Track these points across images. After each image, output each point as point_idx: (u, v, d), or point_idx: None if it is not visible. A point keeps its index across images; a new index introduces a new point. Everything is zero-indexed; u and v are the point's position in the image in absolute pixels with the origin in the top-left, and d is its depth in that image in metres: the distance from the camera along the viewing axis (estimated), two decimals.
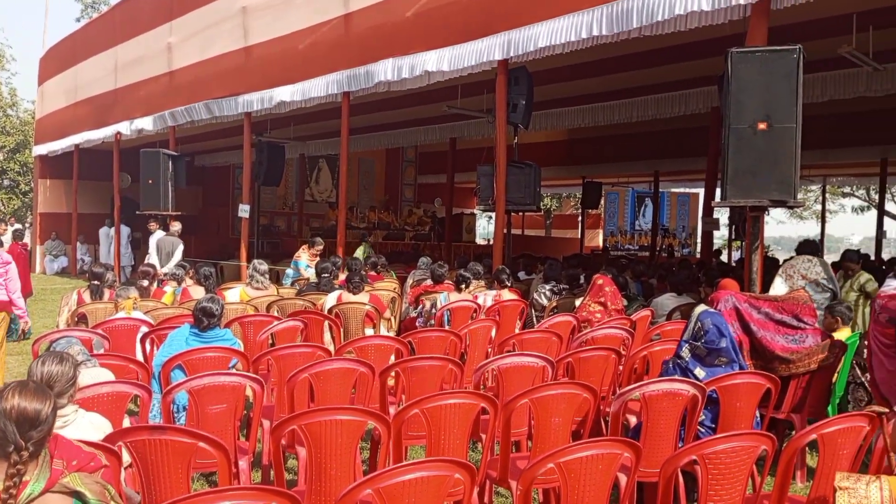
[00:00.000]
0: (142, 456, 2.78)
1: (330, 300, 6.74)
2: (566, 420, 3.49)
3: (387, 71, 8.80)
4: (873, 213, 24.49)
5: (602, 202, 23.62)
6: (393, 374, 4.33)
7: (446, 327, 6.39)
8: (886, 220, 19.98)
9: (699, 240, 16.95)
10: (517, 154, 9.07)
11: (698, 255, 15.73)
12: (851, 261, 7.36)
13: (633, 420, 4.39)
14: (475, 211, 22.87)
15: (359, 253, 12.46)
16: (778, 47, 5.58)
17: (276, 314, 6.42)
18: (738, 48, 5.62)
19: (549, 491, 3.50)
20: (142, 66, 13.78)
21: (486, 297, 7.14)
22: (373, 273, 9.33)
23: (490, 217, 9.07)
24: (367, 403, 4.11)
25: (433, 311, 6.91)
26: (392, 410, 4.02)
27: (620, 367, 4.94)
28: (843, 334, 5.20)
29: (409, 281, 9.19)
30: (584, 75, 10.68)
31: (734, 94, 5.55)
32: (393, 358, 4.90)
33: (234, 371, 4.15)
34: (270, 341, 5.66)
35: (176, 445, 2.78)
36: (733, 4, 5.91)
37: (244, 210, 11.77)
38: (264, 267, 7.74)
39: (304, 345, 4.88)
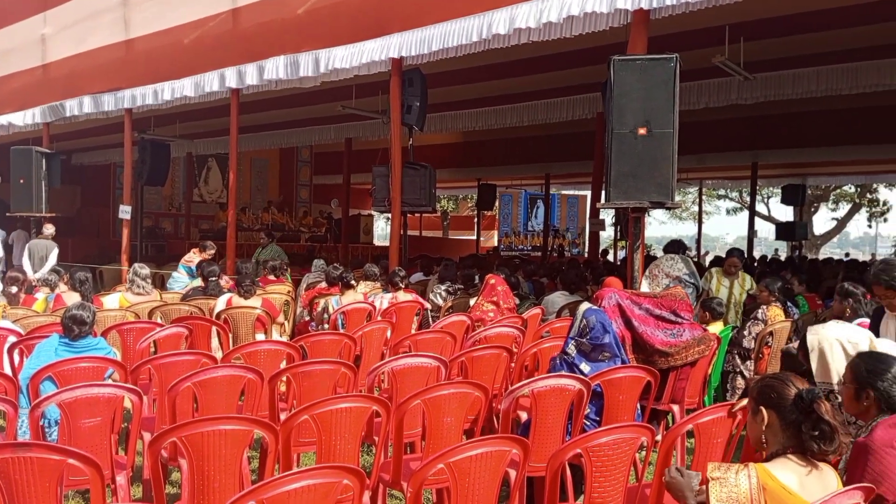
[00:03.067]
0: (5, 476, 2.57)
1: (220, 304, 6.50)
2: (458, 419, 3.52)
3: (277, 68, 8.58)
4: (745, 214, 26.23)
5: (497, 204, 24.10)
6: (284, 379, 4.22)
7: (341, 330, 6.31)
8: (757, 220, 21.47)
9: (587, 240, 17.59)
10: (412, 155, 9.09)
11: (586, 255, 16.32)
12: (735, 257, 7.65)
13: (524, 416, 4.48)
14: (373, 212, 22.76)
15: (266, 254, 12.15)
16: (656, 56, 5.86)
17: (158, 321, 6.12)
18: (619, 56, 5.85)
19: (443, 490, 3.51)
20: (12, 58, 12.82)
21: (382, 300, 7.10)
22: (271, 277, 9.09)
23: (388, 218, 9.03)
24: (255, 411, 3.99)
25: (326, 315, 6.80)
26: (284, 417, 3.91)
27: (513, 365, 5.05)
28: (716, 328, 5.53)
29: (303, 284, 9.01)
30: (477, 79, 10.85)
31: (616, 100, 5.79)
32: (284, 363, 4.78)
33: (109, 382, 3.92)
34: (153, 349, 5.38)
35: (43, 463, 2.58)
36: (617, 8, 6.17)
37: (125, 211, 11.17)
38: (146, 271, 7.36)
39: (187, 352, 4.68)
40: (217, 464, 2.83)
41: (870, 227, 33.12)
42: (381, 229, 34.12)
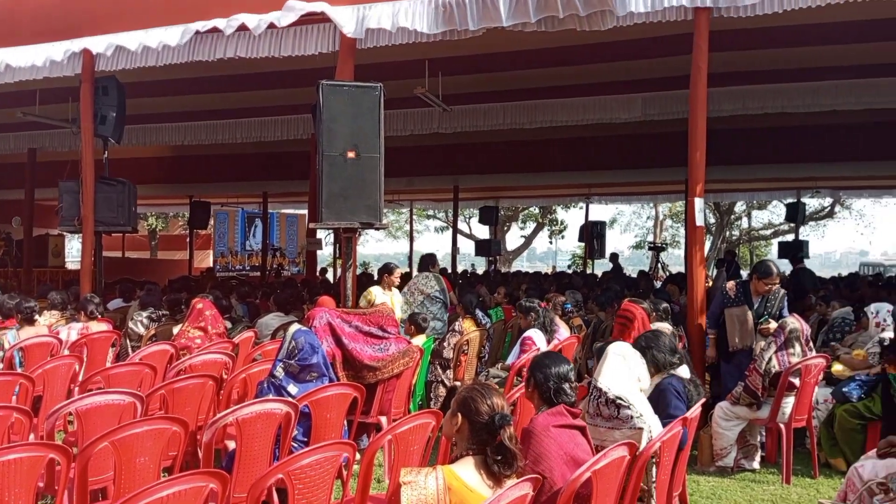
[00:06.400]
0: None
1: None
2: (154, 458, 3.28)
3: None
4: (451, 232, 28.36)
5: (212, 222, 23.02)
6: None
7: (19, 370, 5.52)
8: (460, 238, 23.34)
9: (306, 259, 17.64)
10: (108, 170, 8.33)
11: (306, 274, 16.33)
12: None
13: (231, 445, 4.32)
14: (62, 232, 20.25)
15: None
16: (362, 83, 6.12)
17: None
18: (328, 81, 6.01)
19: None
20: None
21: (70, 331, 6.36)
22: None
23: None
24: None
25: (0, 353, 5.89)
26: None
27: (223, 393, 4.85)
28: (419, 340, 5.89)
29: None
30: (186, 91, 10.33)
31: (326, 123, 5.92)
32: None
33: None
34: None
35: None
36: (325, 35, 6.34)
37: None
38: None
39: None
40: None
41: (551, 243, 38.12)
42: (78, 251, 30.55)
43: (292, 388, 3.92)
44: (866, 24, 7.43)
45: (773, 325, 5.37)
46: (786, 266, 12.36)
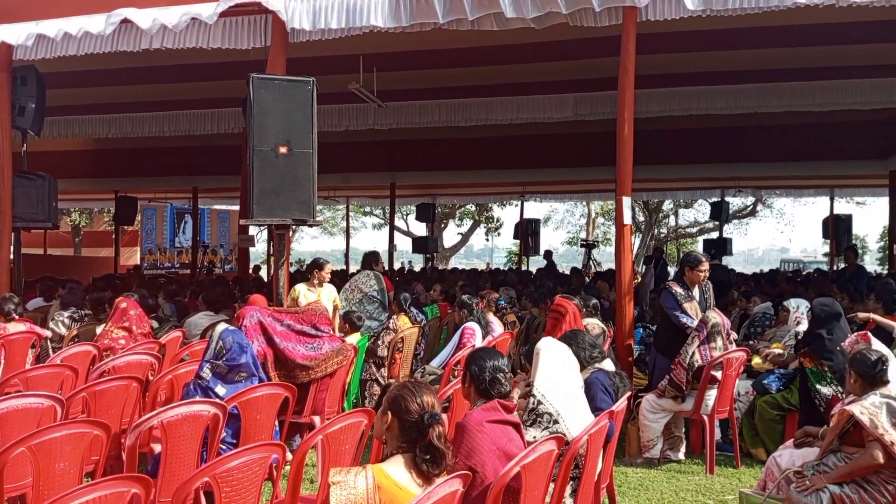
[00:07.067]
0: None
1: None
2: (75, 463, 3.17)
3: None
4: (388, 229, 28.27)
5: (139, 218, 22.28)
6: None
7: None
8: (397, 235, 23.29)
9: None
10: (27, 163, 7.96)
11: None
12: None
13: (157, 449, 4.20)
14: None
15: None
16: (295, 77, 6.04)
17: None
18: (258, 74, 5.89)
19: None
20: None
21: None
22: None
23: None
24: None
25: None
26: None
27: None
28: (354, 338, 5.86)
29: None
30: (111, 82, 9.95)
31: (256, 117, 5.81)
32: None
33: None
34: None
35: None
36: (255, 27, 6.22)
37: None
38: None
39: None
40: None
41: (488, 240, 38.45)
42: None
43: (220, 389, 3.83)
44: (784, 29, 7.77)
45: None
46: None
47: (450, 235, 35.17)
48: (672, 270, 20.47)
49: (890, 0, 5.59)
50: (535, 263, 21.73)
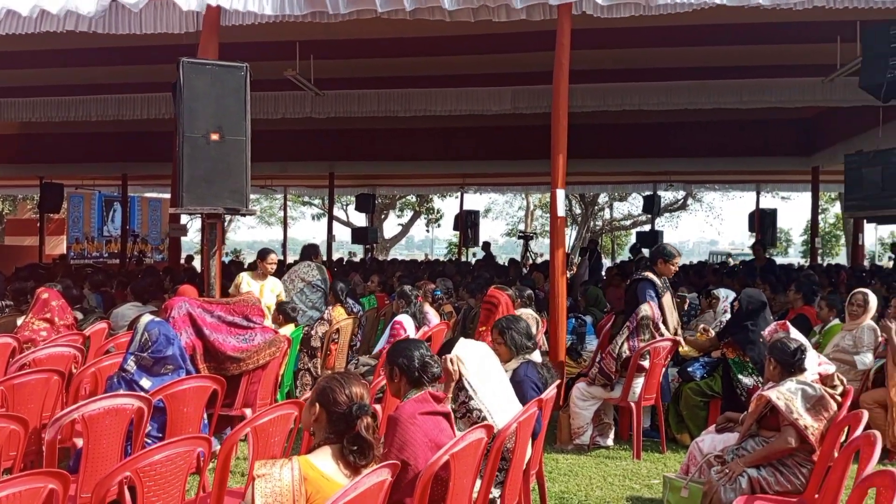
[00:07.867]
0: None
1: None
2: None
3: None
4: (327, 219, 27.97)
5: (65, 206, 21.41)
6: None
7: None
8: (337, 225, 23.08)
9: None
10: None
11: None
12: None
13: (80, 444, 4.07)
14: None
15: None
16: (227, 63, 5.89)
17: None
18: (189, 59, 5.73)
19: None
20: None
21: None
22: None
23: None
24: None
25: None
26: None
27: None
28: (287, 329, 5.79)
29: None
30: (34, 64, 9.52)
31: (187, 102, 5.65)
32: None
33: None
34: None
35: None
36: (188, 10, 6.03)
37: None
38: None
39: None
40: None
41: (428, 231, 38.46)
42: None
43: (145, 382, 3.73)
44: (713, 28, 8.01)
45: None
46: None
47: (390, 226, 35.07)
48: (607, 263, 20.91)
49: (812, 2, 5.83)
50: (476, 254, 21.91)
